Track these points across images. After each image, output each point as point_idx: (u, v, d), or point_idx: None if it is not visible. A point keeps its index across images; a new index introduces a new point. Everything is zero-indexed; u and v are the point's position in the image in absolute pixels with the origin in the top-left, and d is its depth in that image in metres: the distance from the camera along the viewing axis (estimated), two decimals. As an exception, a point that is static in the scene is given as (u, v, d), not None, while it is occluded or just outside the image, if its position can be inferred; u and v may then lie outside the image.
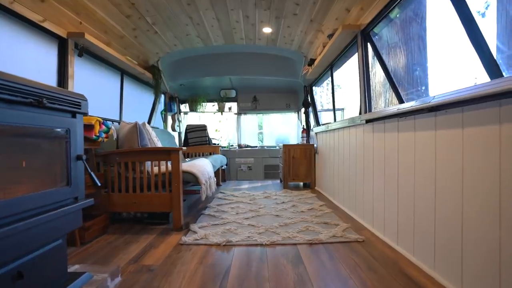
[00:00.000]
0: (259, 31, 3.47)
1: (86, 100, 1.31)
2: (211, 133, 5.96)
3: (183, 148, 2.29)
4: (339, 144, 3.00)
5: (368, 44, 2.33)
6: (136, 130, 2.32)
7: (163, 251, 1.80)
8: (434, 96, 1.33)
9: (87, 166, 1.29)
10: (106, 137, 2.15)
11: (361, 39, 2.36)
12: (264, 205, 3.02)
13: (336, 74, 3.48)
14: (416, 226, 1.54)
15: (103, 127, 2.06)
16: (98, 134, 2.00)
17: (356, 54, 2.49)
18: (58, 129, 1.18)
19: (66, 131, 1.21)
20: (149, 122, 4.29)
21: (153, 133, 2.68)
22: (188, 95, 5.70)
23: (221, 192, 3.80)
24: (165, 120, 4.93)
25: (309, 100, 4.41)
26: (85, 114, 1.29)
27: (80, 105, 1.27)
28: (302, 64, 4.09)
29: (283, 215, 2.59)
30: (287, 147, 4.13)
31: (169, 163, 2.25)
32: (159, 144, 2.71)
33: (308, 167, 4.13)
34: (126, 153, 2.27)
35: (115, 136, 2.23)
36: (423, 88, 2.17)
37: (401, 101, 1.96)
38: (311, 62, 3.44)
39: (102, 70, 3.13)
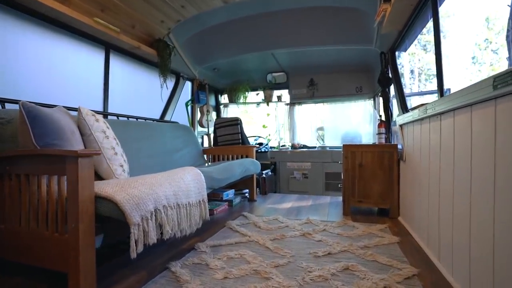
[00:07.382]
0: (294, -45, 2.08)
1: None
2: (258, 130, 4.76)
3: (94, 151, 1.14)
4: (454, 142, 1.37)
5: None
6: (24, 118, 1.27)
7: None
8: None
9: None
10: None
11: None
12: (290, 258, 1.63)
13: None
14: None
15: None
16: None
17: None
18: None
19: None
20: (162, 116, 3.36)
21: (97, 126, 1.62)
22: (226, 83, 4.62)
23: (242, 215, 2.55)
24: (192, 114, 3.96)
25: (389, 73, 2.74)
26: None
27: None
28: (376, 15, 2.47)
29: (313, 301, 1.17)
30: (349, 149, 2.58)
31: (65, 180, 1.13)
32: (107, 145, 1.63)
33: (386, 182, 2.48)
34: (5, 159, 1.26)
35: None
36: None
37: None
38: (390, -10, 1.85)
39: (70, 41, 2.27)
